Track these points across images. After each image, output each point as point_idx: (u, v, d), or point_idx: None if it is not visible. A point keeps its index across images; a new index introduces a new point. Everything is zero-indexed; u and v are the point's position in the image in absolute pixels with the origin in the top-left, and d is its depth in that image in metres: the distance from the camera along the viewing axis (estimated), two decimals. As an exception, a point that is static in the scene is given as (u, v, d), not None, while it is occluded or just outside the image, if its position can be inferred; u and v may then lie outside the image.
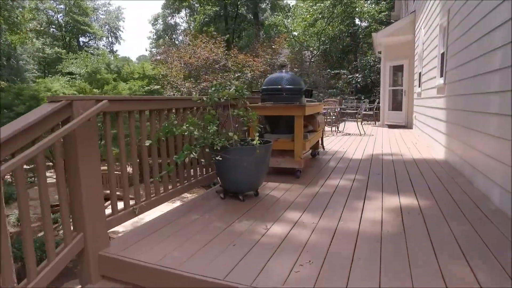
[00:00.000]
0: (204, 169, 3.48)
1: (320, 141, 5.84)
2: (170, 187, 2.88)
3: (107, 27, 36.86)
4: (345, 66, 23.82)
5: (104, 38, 36.61)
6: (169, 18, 38.58)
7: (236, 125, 2.96)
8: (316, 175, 4.01)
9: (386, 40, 10.20)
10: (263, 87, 4.01)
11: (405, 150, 5.79)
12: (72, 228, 1.99)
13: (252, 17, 23.34)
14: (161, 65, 14.88)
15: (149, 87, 13.81)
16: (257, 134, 2.77)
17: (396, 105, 10.62)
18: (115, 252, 2.05)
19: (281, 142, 3.89)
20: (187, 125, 2.51)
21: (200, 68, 14.15)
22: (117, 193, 2.35)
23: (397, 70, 10.61)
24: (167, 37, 37.17)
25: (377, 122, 11.88)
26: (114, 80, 13.25)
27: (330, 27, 24.14)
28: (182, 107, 2.90)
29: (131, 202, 2.46)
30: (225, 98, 2.69)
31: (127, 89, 13.36)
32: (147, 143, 2.41)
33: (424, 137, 7.07)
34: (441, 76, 5.35)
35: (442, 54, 5.35)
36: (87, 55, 20.18)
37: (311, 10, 24.14)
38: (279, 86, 3.88)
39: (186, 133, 2.69)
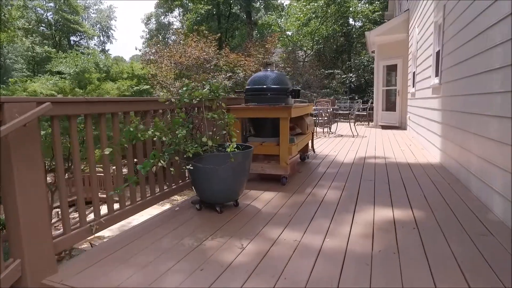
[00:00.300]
0: (179, 175, 3.19)
1: (310, 144, 5.57)
2: (138, 198, 2.60)
3: (98, 26, 36.25)
4: (339, 66, 23.68)
5: (96, 37, 35.98)
6: (162, 17, 38.11)
7: (214, 129, 2.67)
8: (303, 182, 3.73)
9: (379, 39, 9.98)
10: (247, 87, 3.73)
11: (398, 153, 5.54)
12: (10, 253, 1.69)
13: (245, 16, 23.04)
14: (151, 65, 14.53)
15: (138, 87, 13.47)
16: (235, 139, 2.49)
17: (390, 106, 10.41)
18: (61, 280, 1.75)
19: (266, 146, 3.61)
20: (153, 130, 2.22)
21: (191, 68, 13.84)
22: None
23: (391, 69, 10.41)
24: (160, 36, 36.70)
25: (370, 123, 11.68)
26: (98, 80, 12.88)
27: (323, 26, 23.97)
28: (151, 109, 2.61)
29: (89, 218, 2.16)
30: (198, 99, 2.40)
31: (116, 89, 13.01)
32: (107, 151, 2.11)
33: (418, 138, 6.84)
34: (436, 75, 5.11)
35: (437, 53, 5.12)
36: (77, 54, 19.76)
37: (304, 10, 23.93)
38: (264, 86, 3.60)
39: (155, 139, 2.40)
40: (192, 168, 2.34)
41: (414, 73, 7.86)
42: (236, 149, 2.47)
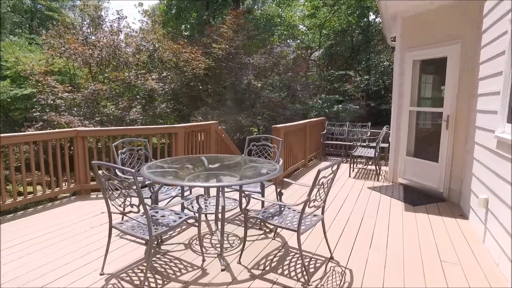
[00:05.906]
0: None
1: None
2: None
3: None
4: (354, 67, 18.03)
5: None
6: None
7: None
8: None
9: (407, 4, 4.41)
10: None
11: None
12: None
13: (232, 2, 17.77)
14: (58, 56, 9.49)
15: (16, 91, 8.47)
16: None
17: (425, 147, 4.80)
18: None
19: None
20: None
21: (104, 60, 8.76)
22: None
23: (429, 70, 4.79)
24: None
25: (383, 170, 6.05)
26: None
27: (335, 18, 18.43)
28: None
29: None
30: None
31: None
32: None
33: None
34: None
35: None
36: (12, 44, 15.30)
37: (310, -4, 18.40)
38: None
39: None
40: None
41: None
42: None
